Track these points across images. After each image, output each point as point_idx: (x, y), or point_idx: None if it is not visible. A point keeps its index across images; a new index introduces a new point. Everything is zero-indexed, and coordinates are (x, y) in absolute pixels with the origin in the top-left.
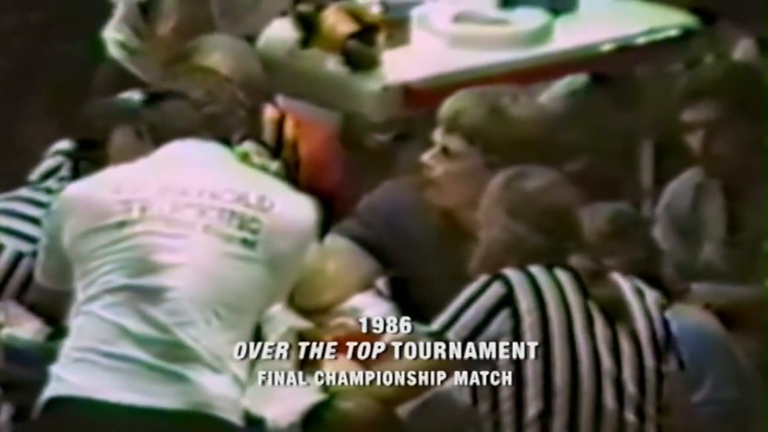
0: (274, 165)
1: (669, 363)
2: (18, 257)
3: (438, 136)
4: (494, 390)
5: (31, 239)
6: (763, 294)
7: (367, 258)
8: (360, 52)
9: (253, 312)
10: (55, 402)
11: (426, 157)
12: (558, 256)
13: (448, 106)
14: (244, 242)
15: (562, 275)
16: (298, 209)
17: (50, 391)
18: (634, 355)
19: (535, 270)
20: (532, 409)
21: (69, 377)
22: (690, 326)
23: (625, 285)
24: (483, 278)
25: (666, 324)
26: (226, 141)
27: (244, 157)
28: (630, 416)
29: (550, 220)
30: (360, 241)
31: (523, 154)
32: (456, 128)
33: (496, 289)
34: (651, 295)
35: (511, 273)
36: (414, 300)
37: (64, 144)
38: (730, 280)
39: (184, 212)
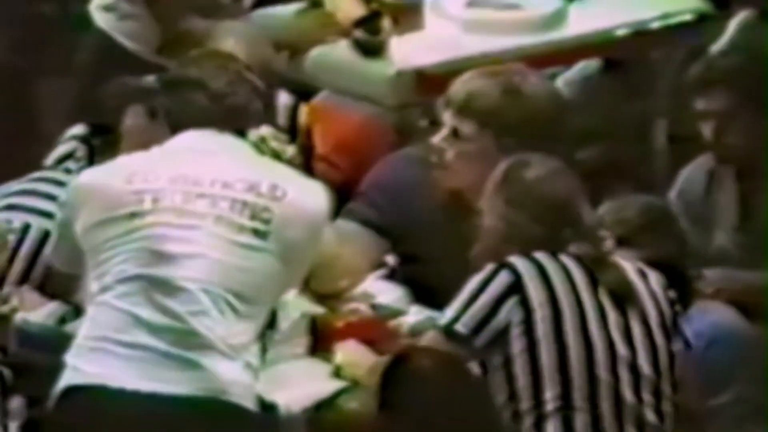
0: (291, 149)
1: (676, 342)
2: (45, 235)
3: (447, 118)
4: (510, 380)
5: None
6: None
7: (378, 240)
8: (367, 40)
9: (267, 301)
10: (71, 391)
11: (436, 139)
12: (557, 245)
13: (458, 89)
14: (256, 232)
15: (569, 262)
16: (310, 197)
17: (65, 380)
18: (646, 337)
19: (542, 257)
20: (550, 397)
21: (84, 366)
22: (718, 326)
23: (628, 267)
24: (490, 267)
25: (671, 303)
26: (241, 132)
27: (262, 141)
28: (648, 398)
29: (549, 210)
30: (370, 225)
31: (537, 135)
32: (468, 111)
33: (503, 278)
34: (653, 276)
35: (518, 261)
36: (423, 278)
37: (79, 129)
38: (743, 266)
39: (196, 203)
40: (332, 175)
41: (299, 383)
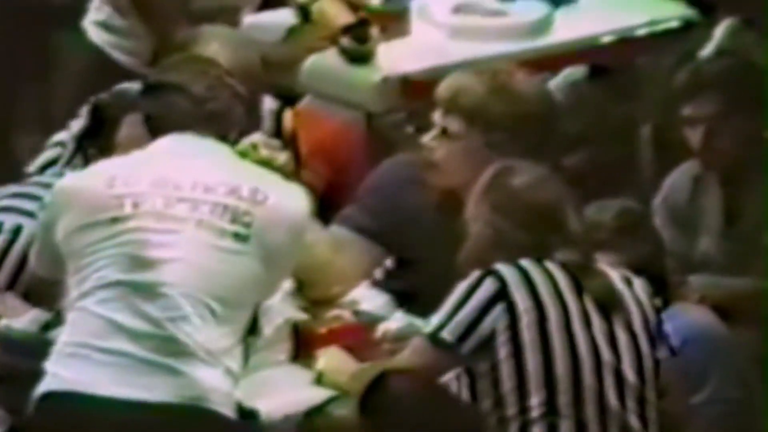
0: (283, 156)
1: (661, 349)
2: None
3: (437, 117)
4: (495, 386)
5: None
6: (761, 286)
7: (372, 246)
8: (354, 48)
9: (248, 305)
10: (49, 397)
11: (426, 139)
12: (543, 252)
13: (445, 87)
14: (237, 236)
15: (554, 268)
16: (291, 201)
17: (44, 386)
18: (631, 343)
19: (527, 264)
20: (535, 403)
21: (62, 372)
22: (693, 325)
23: (613, 275)
24: (475, 274)
25: (657, 311)
26: (222, 137)
27: (253, 149)
28: (632, 404)
29: (535, 217)
30: (364, 231)
31: (525, 131)
32: (455, 109)
33: (489, 285)
34: (638, 283)
35: (504, 268)
36: (418, 282)
37: (63, 135)
38: (728, 273)
39: (177, 207)
40: (315, 180)
41: (281, 390)
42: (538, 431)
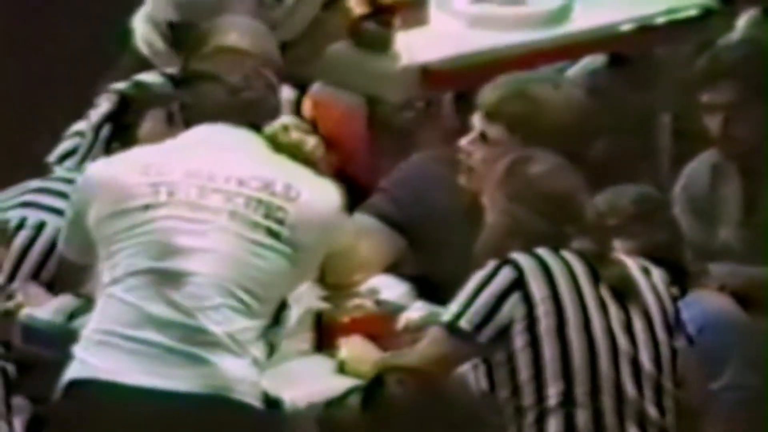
0: (312, 140)
1: (679, 338)
2: (59, 234)
3: (477, 121)
4: (512, 376)
5: None
6: None
7: (395, 236)
8: (372, 33)
9: (274, 298)
10: (76, 384)
11: (464, 142)
12: (559, 241)
13: (490, 93)
14: (269, 231)
15: (571, 257)
16: (323, 198)
17: (71, 372)
18: (647, 332)
19: (544, 253)
20: (552, 393)
21: (90, 359)
22: (712, 312)
23: (631, 264)
24: (492, 263)
25: (674, 299)
26: (256, 127)
27: (284, 130)
28: (649, 393)
29: (551, 205)
30: (388, 220)
31: (565, 145)
32: (498, 117)
33: (506, 274)
34: (656, 273)
35: (520, 257)
36: (439, 278)
37: (82, 125)
38: (747, 261)
39: (211, 198)
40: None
41: (305, 380)
42: (554, 420)
